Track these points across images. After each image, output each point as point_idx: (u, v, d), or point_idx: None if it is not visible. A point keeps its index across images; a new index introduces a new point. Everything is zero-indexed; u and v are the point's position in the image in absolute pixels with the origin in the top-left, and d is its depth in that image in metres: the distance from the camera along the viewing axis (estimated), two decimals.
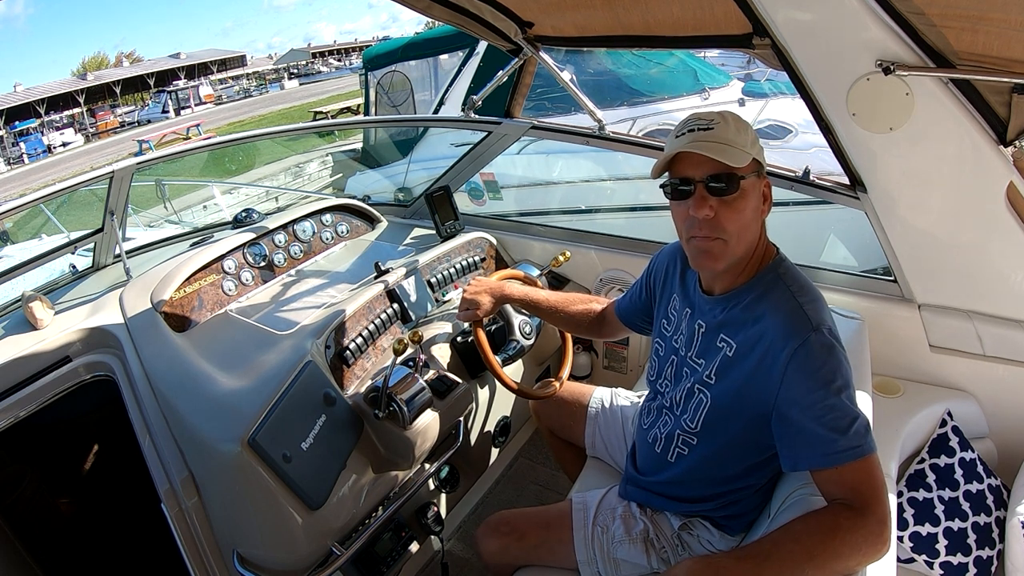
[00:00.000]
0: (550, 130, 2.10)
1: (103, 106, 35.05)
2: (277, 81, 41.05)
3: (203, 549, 1.36)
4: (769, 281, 1.04)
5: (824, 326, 0.96)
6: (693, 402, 1.12)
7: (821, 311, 0.99)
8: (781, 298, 1.01)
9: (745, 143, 0.98)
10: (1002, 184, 1.27)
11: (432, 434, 1.43)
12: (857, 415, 0.92)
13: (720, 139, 0.97)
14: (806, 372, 0.94)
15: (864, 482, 0.90)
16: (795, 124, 3.74)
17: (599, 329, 1.51)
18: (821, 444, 0.91)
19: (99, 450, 2.15)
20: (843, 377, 0.94)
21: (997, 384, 1.53)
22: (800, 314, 0.98)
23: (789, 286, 1.02)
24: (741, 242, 1.01)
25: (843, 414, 0.91)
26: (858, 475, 0.90)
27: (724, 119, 1.00)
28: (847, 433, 0.90)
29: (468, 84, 4.72)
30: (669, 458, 1.19)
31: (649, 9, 1.43)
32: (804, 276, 1.05)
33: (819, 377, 0.93)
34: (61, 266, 2.30)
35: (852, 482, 0.91)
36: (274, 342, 1.53)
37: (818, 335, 0.95)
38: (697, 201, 0.99)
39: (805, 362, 0.94)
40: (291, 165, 8.22)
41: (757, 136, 1.02)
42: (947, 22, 1.05)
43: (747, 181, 0.99)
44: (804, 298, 1.00)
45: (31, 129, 29.20)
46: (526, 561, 1.31)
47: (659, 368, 1.25)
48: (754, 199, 1.01)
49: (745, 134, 1.00)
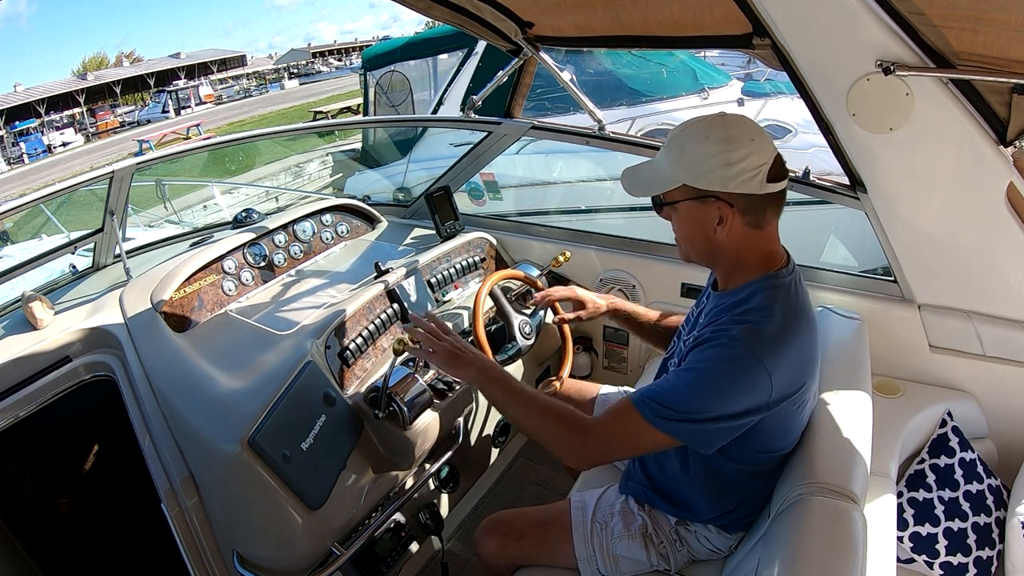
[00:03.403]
0: (550, 130, 2.10)
1: (103, 106, 35.01)
2: (277, 81, 41.01)
3: (203, 549, 1.36)
4: (753, 292, 1.02)
5: (747, 348, 0.94)
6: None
7: (765, 341, 0.95)
8: (745, 310, 1.00)
9: (673, 170, 1.00)
10: (1002, 184, 1.27)
11: (432, 434, 1.43)
12: (681, 404, 0.96)
13: (654, 165, 1.06)
14: (698, 357, 0.98)
15: (606, 421, 1.04)
16: (795, 124, 3.74)
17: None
18: (647, 388, 1.02)
19: (99, 450, 2.15)
20: (706, 382, 0.96)
21: (997, 384, 1.53)
22: (737, 327, 0.97)
23: (762, 302, 0.99)
24: (692, 249, 1.08)
25: (673, 390, 0.98)
26: (615, 416, 1.03)
27: (669, 140, 1.03)
28: (655, 396, 0.98)
29: (467, 84, 4.73)
30: None
31: (649, 9, 1.43)
32: (788, 302, 1.01)
33: (698, 365, 0.98)
34: (61, 266, 2.30)
35: (607, 415, 1.04)
36: (274, 342, 1.53)
37: (734, 345, 0.95)
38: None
39: (704, 352, 0.98)
40: (291, 165, 8.23)
41: (702, 159, 0.96)
42: (947, 22, 1.05)
43: (680, 205, 1.02)
44: (757, 316, 0.98)
45: (31, 129, 29.17)
46: (525, 561, 1.31)
47: (672, 350, 1.26)
48: (693, 220, 1.03)
49: (677, 160, 1.00)
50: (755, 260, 1.04)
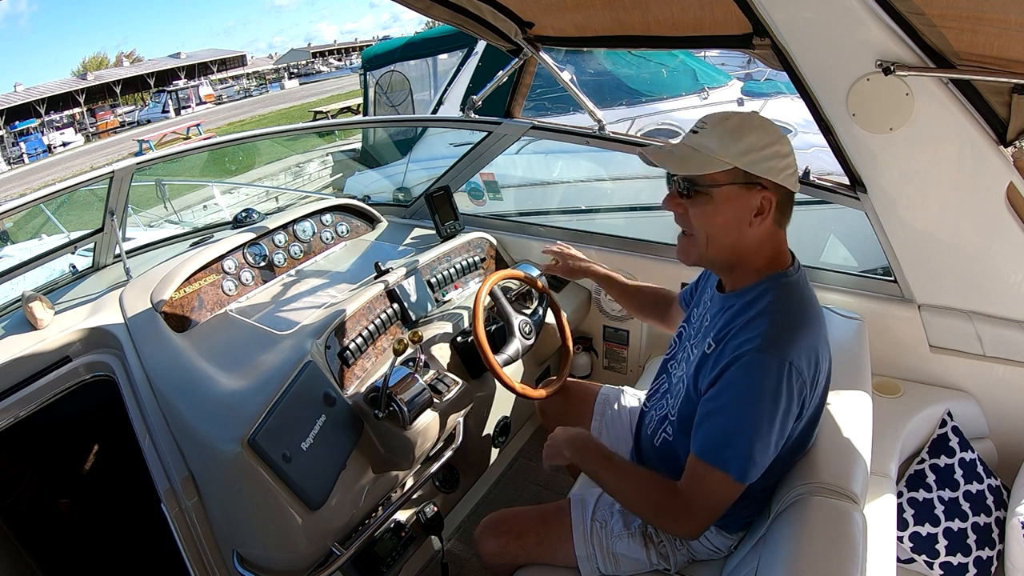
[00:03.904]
0: (550, 130, 2.10)
1: (103, 106, 35.00)
2: (277, 81, 40.99)
3: (203, 549, 1.36)
4: (763, 290, 1.02)
5: (774, 353, 0.94)
6: (675, 390, 1.16)
7: (785, 338, 0.96)
8: (756, 311, 1.00)
9: (725, 152, 0.96)
10: (1002, 184, 1.27)
11: (432, 434, 1.43)
12: (750, 443, 0.95)
13: (694, 144, 1.00)
14: (733, 384, 0.97)
15: (702, 491, 1.00)
16: (795, 124, 3.73)
17: (665, 312, 1.51)
18: (709, 435, 0.99)
19: (99, 450, 2.15)
20: (759, 411, 0.94)
21: (997, 384, 1.53)
22: (758, 331, 0.96)
23: (773, 301, 1.00)
24: (712, 246, 1.03)
25: (739, 432, 0.96)
26: (704, 482, 0.99)
27: (718, 124, 0.99)
28: (728, 446, 0.96)
29: (467, 84, 4.72)
30: (655, 442, 1.19)
31: (649, 9, 1.43)
32: (801, 298, 1.02)
33: (739, 395, 0.96)
34: (61, 266, 2.30)
35: (696, 482, 1.01)
36: (274, 342, 1.53)
37: (759, 357, 0.94)
38: (667, 197, 1.06)
39: (735, 375, 0.96)
40: (291, 165, 8.22)
41: (759, 147, 0.97)
42: (947, 22, 1.05)
43: (721, 190, 0.98)
44: (776, 317, 0.98)
45: (31, 129, 29.15)
46: (525, 560, 1.31)
47: (674, 351, 1.26)
48: (732, 208, 0.99)
49: (732, 143, 0.97)
50: (767, 259, 1.04)
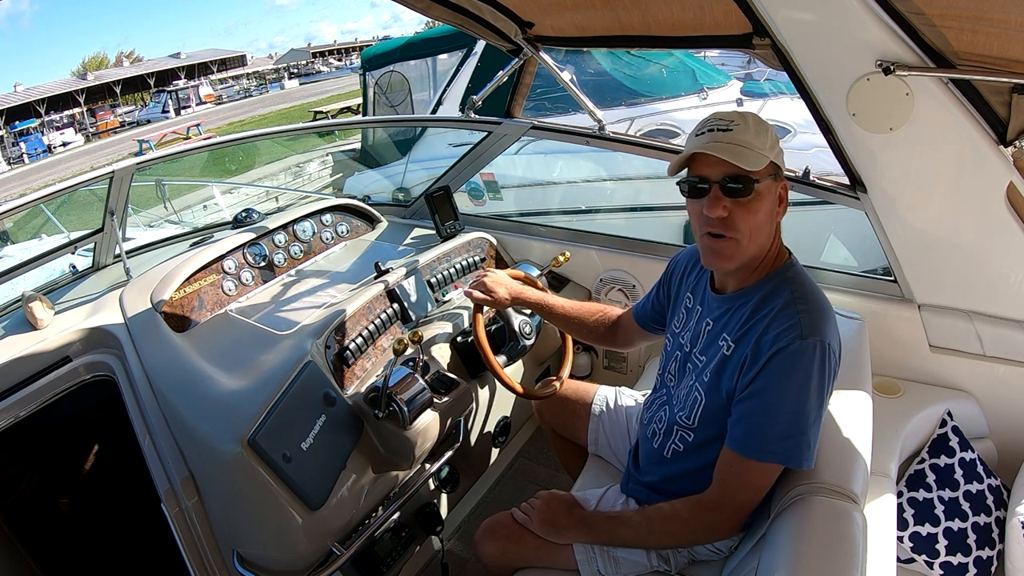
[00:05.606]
0: (550, 130, 2.10)
1: (103, 106, 35.01)
2: (277, 81, 40.99)
3: (203, 549, 1.36)
4: (776, 284, 1.04)
5: (815, 337, 0.96)
6: (690, 399, 1.13)
7: (818, 321, 0.98)
8: (781, 302, 1.02)
9: (763, 146, 0.99)
10: (1002, 184, 1.27)
11: (432, 434, 1.43)
12: (803, 428, 0.96)
13: (738, 141, 0.98)
14: (779, 374, 0.97)
15: (741, 487, 1.01)
16: (795, 124, 3.74)
17: (613, 336, 1.49)
18: (752, 431, 0.99)
19: (99, 450, 2.15)
20: (809, 393, 0.95)
21: (997, 384, 1.53)
22: (794, 320, 0.98)
23: (793, 291, 1.02)
24: (753, 243, 1.02)
25: (794, 420, 0.96)
26: (743, 479, 1.00)
27: (744, 120, 1.00)
28: (781, 437, 0.96)
29: (466, 84, 4.72)
30: (665, 454, 1.19)
31: (649, 9, 1.43)
32: (812, 282, 1.05)
33: (787, 383, 0.96)
34: (61, 266, 2.30)
35: (734, 480, 1.01)
36: (274, 342, 1.53)
37: (804, 343, 0.95)
38: (712, 201, 1.00)
39: (782, 365, 0.96)
40: (291, 165, 8.22)
41: (777, 139, 1.02)
42: (947, 22, 1.05)
43: (763, 184, 0.99)
44: (803, 305, 1.00)
45: (31, 129, 29.16)
46: (525, 563, 1.30)
47: (665, 363, 1.26)
48: (769, 202, 1.01)
49: (764, 137, 1.00)
50: (776, 252, 1.07)
